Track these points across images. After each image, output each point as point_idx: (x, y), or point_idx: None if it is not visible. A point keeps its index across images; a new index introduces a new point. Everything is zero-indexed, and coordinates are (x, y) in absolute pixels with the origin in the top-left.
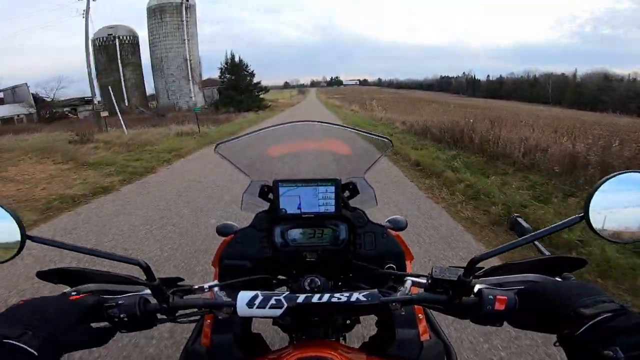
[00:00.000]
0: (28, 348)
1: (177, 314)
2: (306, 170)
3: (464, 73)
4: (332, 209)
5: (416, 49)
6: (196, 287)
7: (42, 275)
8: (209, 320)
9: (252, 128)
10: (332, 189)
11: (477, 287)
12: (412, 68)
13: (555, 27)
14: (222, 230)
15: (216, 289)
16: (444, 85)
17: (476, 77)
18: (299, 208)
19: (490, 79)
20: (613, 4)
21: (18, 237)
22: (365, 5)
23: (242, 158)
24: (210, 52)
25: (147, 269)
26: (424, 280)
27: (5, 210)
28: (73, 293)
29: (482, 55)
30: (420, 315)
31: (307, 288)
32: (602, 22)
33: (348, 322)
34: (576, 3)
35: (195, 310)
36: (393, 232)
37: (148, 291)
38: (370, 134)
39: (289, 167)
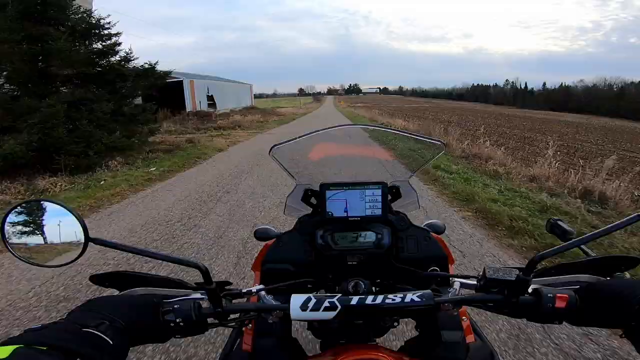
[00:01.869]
0: (104, 337)
1: (228, 318)
2: (351, 172)
3: (507, 81)
4: (378, 212)
5: (432, 58)
6: (244, 290)
7: (96, 279)
8: (250, 325)
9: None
10: (379, 192)
11: (531, 287)
12: (431, 77)
13: (579, 37)
14: (260, 235)
15: (263, 292)
16: (478, 94)
17: (526, 87)
18: (346, 211)
19: (548, 87)
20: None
21: (82, 239)
22: (381, 15)
23: (291, 161)
24: (231, 61)
25: (205, 272)
26: (473, 282)
27: (71, 212)
28: None
29: (503, 65)
30: (464, 317)
31: (352, 291)
32: (629, 31)
33: (395, 324)
34: (599, 12)
35: (245, 314)
36: (435, 236)
37: (197, 295)
38: (422, 136)
39: (334, 171)
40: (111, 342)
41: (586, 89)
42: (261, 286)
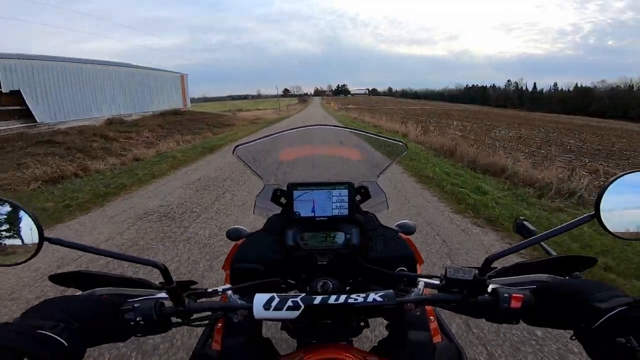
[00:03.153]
0: (59, 338)
1: (192, 317)
2: (319, 174)
3: (509, 82)
4: (345, 212)
5: (419, 60)
6: (210, 290)
7: (55, 278)
8: (219, 324)
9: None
10: (346, 192)
11: (490, 287)
12: (418, 78)
13: (559, 39)
14: (232, 235)
15: (229, 292)
16: (474, 95)
17: (535, 88)
18: (313, 211)
19: (561, 89)
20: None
21: (36, 239)
22: (369, 17)
23: (257, 161)
24: (216, 62)
25: (165, 271)
26: (436, 282)
27: (24, 211)
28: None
29: (487, 67)
30: (431, 317)
31: (320, 291)
32: (606, 34)
33: (362, 324)
34: (579, 15)
35: (210, 313)
36: (404, 236)
37: (162, 294)
38: (384, 137)
39: (302, 171)
40: (66, 344)
41: (611, 91)
42: (227, 285)
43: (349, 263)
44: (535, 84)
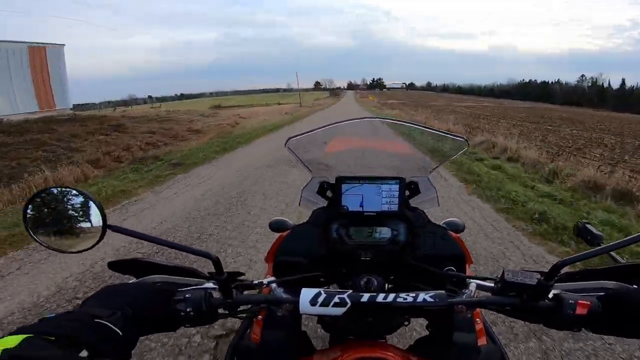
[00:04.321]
0: (115, 328)
1: (238, 309)
2: (368, 168)
3: (582, 77)
4: (395, 208)
5: (455, 54)
6: (255, 282)
7: (113, 265)
8: (260, 316)
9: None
10: (397, 187)
11: (552, 292)
12: (456, 73)
13: (615, 35)
14: (274, 226)
15: (274, 285)
16: (531, 92)
17: (623, 84)
18: (361, 206)
19: None
20: None
21: (100, 226)
22: (403, 11)
23: (307, 153)
24: (248, 55)
25: (217, 262)
26: (490, 284)
27: (90, 199)
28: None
29: (531, 63)
30: (477, 319)
31: (363, 287)
32: None
33: (406, 323)
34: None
35: (255, 305)
36: (454, 234)
37: (209, 285)
38: (443, 132)
39: (351, 165)
40: (120, 333)
41: None
42: (272, 278)
43: (393, 260)
44: (623, 80)
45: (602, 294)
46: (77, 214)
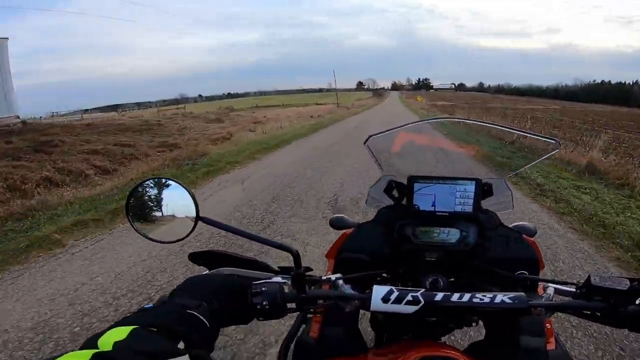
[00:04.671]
0: (202, 318)
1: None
2: (440, 168)
3: None
4: (469, 209)
5: (507, 53)
6: (323, 278)
7: (193, 256)
8: (317, 312)
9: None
10: (472, 188)
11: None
12: (510, 73)
13: None
14: (335, 223)
15: (340, 281)
16: (605, 94)
17: None
18: (433, 206)
19: None
20: None
21: (193, 217)
22: (448, 8)
23: (382, 152)
24: (290, 55)
25: (297, 257)
26: (570, 289)
27: (187, 190)
28: None
29: (598, 63)
30: (547, 324)
31: (429, 287)
32: None
33: (474, 324)
34: None
35: (322, 301)
36: (528, 239)
37: (278, 279)
38: (531, 133)
39: (423, 164)
40: (207, 324)
41: None
42: (339, 275)
43: (459, 261)
44: None
45: None
46: (173, 205)
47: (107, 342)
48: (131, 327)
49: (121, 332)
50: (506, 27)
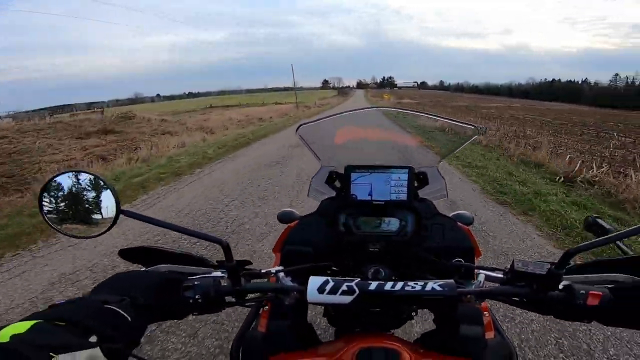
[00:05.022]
0: (124, 313)
1: (245, 298)
2: (378, 157)
3: (616, 76)
4: (404, 197)
5: (467, 53)
6: (263, 271)
7: (124, 253)
8: (266, 307)
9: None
10: (405, 176)
11: (562, 283)
12: (468, 72)
13: (632, 34)
14: (283, 217)
15: (281, 274)
16: (557, 92)
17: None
18: (370, 195)
19: None
20: None
21: (114, 210)
22: (414, 9)
23: (317, 142)
24: (259, 54)
25: (227, 249)
26: (499, 275)
27: (104, 183)
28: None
29: (547, 62)
30: (485, 313)
31: (371, 278)
32: None
33: (413, 314)
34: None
35: (260, 294)
36: (463, 226)
37: (218, 273)
38: (453, 120)
39: (361, 154)
40: (129, 319)
41: None
42: (280, 267)
43: (401, 251)
44: None
45: (613, 285)
46: (91, 199)
47: (3, 335)
48: (34, 322)
49: (21, 327)
50: (466, 28)
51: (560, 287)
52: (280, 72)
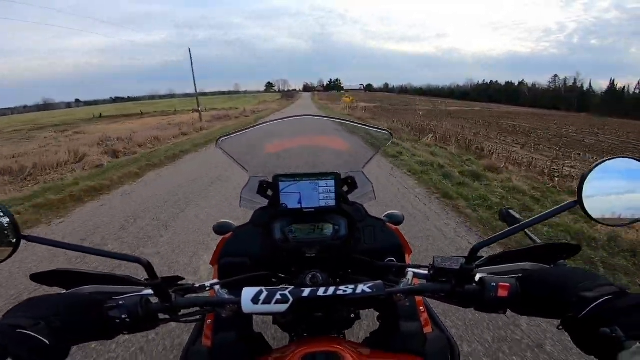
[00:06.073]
0: (40, 337)
1: (180, 313)
2: (305, 165)
3: (556, 78)
4: (332, 203)
5: (407, 57)
6: (197, 285)
7: (37, 277)
8: (209, 320)
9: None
10: (332, 183)
11: (478, 276)
12: (408, 75)
13: (544, 38)
14: (219, 229)
15: (217, 287)
16: (493, 94)
17: (633, 89)
18: (300, 203)
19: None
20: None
21: (12, 237)
22: (358, 14)
23: (242, 153)
24: (204, 57)
25: (148, 267)
26: (425, 272)
27: (1, 208)
28: None
29: (475, 65)
30: (421, 307)
31: (309, 283)
32: (590, 32)
33: (352, 315)
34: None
35: (198, 309)
36: (392, 226)
37: (148, 291)
38: (370, 126)
39: (288, 163)
40: (47, 343)
41: None
42: (215, 280)
43: (337, 255)
44: (613, 81)
45: (520, 275)
46: None
47: None
48: None
49: None
50: (406, 32)
51: (477, 280)
52: (221, 76)
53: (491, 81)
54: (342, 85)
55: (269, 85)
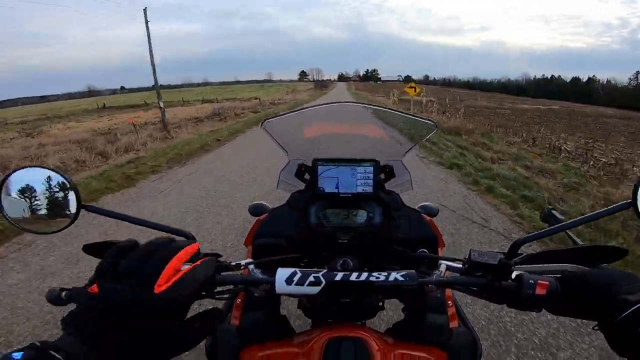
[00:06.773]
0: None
1: (215, 290)
2: (345, 151)
3: (638, 74)
4: (369, 189)
5: (446, 49)
6: (233, 263)
7: (88, 248)
8: (239, 300)
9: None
10: (371, 169)
11: (515, 273)
12: (449, 68)
13: (604, 33)
14: (254, 211)
15: (251, 266)
16: (554, 89)
17: None
18: (337, 188)
19: None
20: None
21: (75, 206)
22: (394, 4)
23: (284, 136)
24: (240, 47)
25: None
26: (458, 265)
27: (65, 179)
28: None
29: (521, 60)
30: (449, 302)
31: (340, 269)
32: None
33: (380, 304)
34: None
35: (232, 287)
36: (427, 217)
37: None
38: (413, 115)
39: (329, 147)
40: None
41: None
42: (250, 260)
43: (370, 242)
44: None
45: (560, 275)
46: (52, 194)
47: None
48: None
49: None
50: (445, 24)
51: (513, 277)
52: (253, 66)
53: (552, 76)
54: (379, 76)
55: (303, 74)
